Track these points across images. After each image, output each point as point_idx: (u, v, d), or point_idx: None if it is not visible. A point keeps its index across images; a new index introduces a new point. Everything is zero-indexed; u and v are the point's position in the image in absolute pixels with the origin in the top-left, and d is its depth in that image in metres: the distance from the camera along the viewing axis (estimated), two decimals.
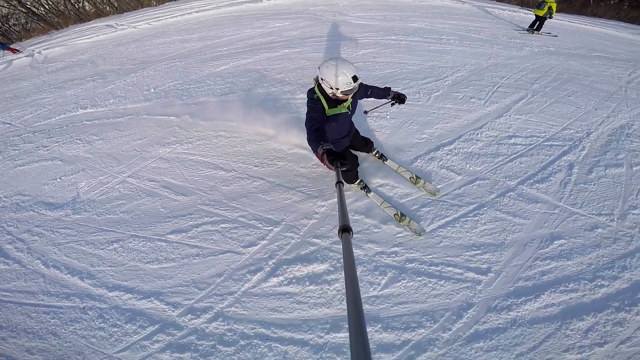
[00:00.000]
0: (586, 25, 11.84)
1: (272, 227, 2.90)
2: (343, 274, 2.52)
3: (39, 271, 2.82)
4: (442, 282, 2.64)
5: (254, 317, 2.42)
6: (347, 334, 2.18)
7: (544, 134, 4.21)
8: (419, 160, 3.59)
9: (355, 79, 2.07)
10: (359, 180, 3.04)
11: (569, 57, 7.43)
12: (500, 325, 2.53)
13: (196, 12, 9.92)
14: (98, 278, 2.72)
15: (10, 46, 9.00)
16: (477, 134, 4.04)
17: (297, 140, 3.67)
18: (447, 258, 2.76)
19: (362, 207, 3.06)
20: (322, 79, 2.14)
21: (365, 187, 3.07)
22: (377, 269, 2.65)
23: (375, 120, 4.19)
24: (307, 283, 2.56)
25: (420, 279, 2.62)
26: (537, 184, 3.46)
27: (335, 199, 3.05)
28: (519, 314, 2.58)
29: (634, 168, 3.86)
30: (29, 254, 2.98)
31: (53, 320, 2.50)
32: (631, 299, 2.74)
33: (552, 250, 2.95)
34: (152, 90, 5.44)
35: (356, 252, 2.72)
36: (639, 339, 2.57)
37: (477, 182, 3.42)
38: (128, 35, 8.88)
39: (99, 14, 11.31)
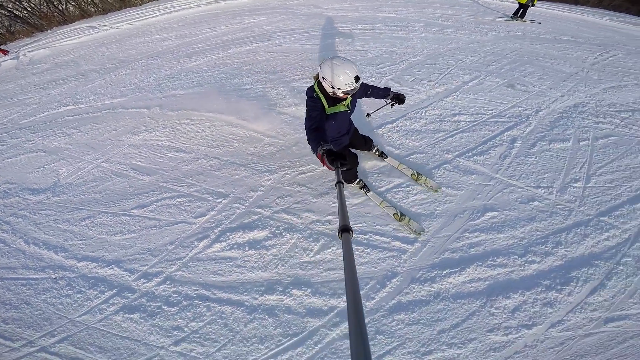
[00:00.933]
0: (564, 12, 11.97)
1: (221, 200, 3.27)
2: (282, 240, 2.88)
3: (21, 248, 3.13)
4: (369, 250, 2.75)
5: (197, 280, 2.67)
6: (280, 297, 2.53)
7: (490, 112, 4.43)
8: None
9: (357, 79, 2.05)
10: (358, 180, 3.06)
11: (535, 41, 7.59)
12: (423, 298, 2.51)
13: (176, 11, 10.20)
14: (70, 251, 3.05)
15: (1, 47, 9.32)
16: (422, 113, 4.33)
17: (252, 125, 4.04)
18: (376, 227, 2.89)
19: (304, 179, 3.40)
20: (323, 78, 2.11)
21: (365, 187, 3.09)
22: (311, 235, 2.87)
23: None
24: (247, 248, 2.82)
25: (367, 247, 2.79)
26: (474, 157, 3.63)
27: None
28: (442, 287, 2.55)
29: (581, 143, 3.95)
30: (13, 234, 3.32)
31: (28, 291, 2.76)
32: (564, 278, 2.65)
33: (482, 222, 2.95)
34: (128, 86, 5.80)
35: (293, 220, 3.03)
36: (572, 324, 2.46)
37: (414, 155, 3.67)
38: (110, 35, 9.21)
39: (83, 15, 11.59)
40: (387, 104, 2.76)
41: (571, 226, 2.99)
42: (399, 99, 2.68)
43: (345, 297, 2.43)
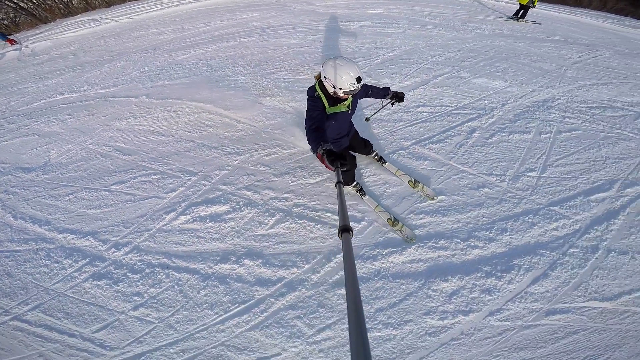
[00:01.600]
0: (562, 13, 12.09)
1: (190, 177, 3.57)
2: (240, 214, 3.12)
3: (8, 223, 3.32)
4: (319, 227, 2.89)
5: (161, 250, 2.86)
6: (233, 266, 2.73)
7: (455, 104, 4.63)
8: None
9: (359, 80, 2.05)
10: (355, 183, 3.05)
11: (520, 40, 7.75)
12: (364, 275, 2.59)
13: (175, 5, 10.54)
14: (53, 224, 3.30)
15: (9, 37, 9.70)
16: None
17: (227, 112, 4.35)
18: (328, 205, 3.07)
19: (269, 160, 3.68)
20: (325, 77, 2.12)
21: (361, 190, 3.08)
22: (268, 211, 3.07)
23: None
24: (208, 221, 3.03)
25: (301, 221, 2.94)
26: (430, 145, 3.80)
27: None
28: (383, 265, 2.63)
29: (542, 135, 4.06)
30: (3, 209, 3.57)
31: (11, 263, 2.90)
32: (505, 265, 2.66)
33: (429, 205, 3.06)
34: (121, 77, 6.14)
35: (253, 196, 3.29)
36: (511, 313, 2.44)
37: (373, 142, 3.90)
38: (110, 29, 9.57)
39: (87, 7, 11.97)
40: (386, 103, 2.78)
41: (519, 214, 3.03)
42: (398, 97, 2.71)
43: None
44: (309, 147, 3.53)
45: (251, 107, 4.45)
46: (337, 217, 2.86)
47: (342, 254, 1.06)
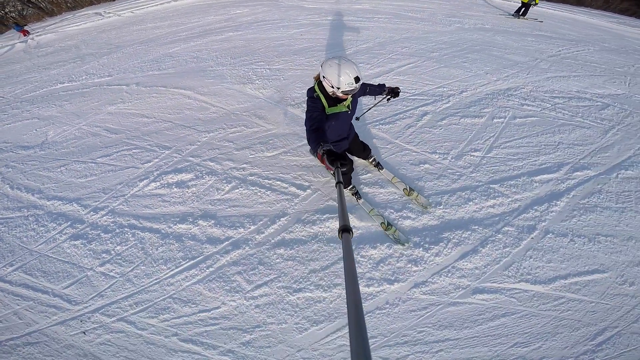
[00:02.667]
0: (563, 12, 12.10)
1: (165, 151, 4.05)
2: (202, 182, 3.58)
3: (6, 193, 3.80)
4: (269, 193, 3.24)
5: (132, 212, 3.27)
6: (189, 226, 3.11)
7: (414, 91, 4.91)
8: (287, 107, 4.59)
9: (357, 79, 2.04)
10: (351, 186, 3.10)
11: (500, 34, 7.86)
12: (303, 237, 2.83)
13: (175, 0, 11.07)
14: (44, 192, 3.76)
15: (24, 28, 10.25)
16: None
17: (204, 97, 4.84)
18: (280, 174, 3.43)
19: (234, 137, 4.14)
20: (323, 77, 2.12)
21: (357, 194, 3.12)
22: (226, 179, 3.49)
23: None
24: (174, 187, 3.47)
25: (254, 188, 3.30)
26: (380, 126, 4.09)
27: None
28: (321, 230, 2.85)
29: (495, 120, 4.21)
30: (2, 181, 4.05)
31: (3, 228, 3.32)
32: (435, 237, 2.75)
33: (370, 177, 3.28)
34: (116, 68, 6.70)
35: (215, 166, 3.74)
36: (437, 287, 2.50)
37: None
38: (112, 23, 10.15)
39: (92, 1, 12.56)
40: (381, 99, 2.84)
41: (457, 189, 3.13)
42: (394, 92, 2.73)
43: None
44: (271, 126, 4.05)
45: (225, 93, 4.93)
46: (286, 186, 3.31)
47: (342, 253, 1.05)
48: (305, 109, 2.26)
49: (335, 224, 2.92)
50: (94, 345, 2.55)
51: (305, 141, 3.64)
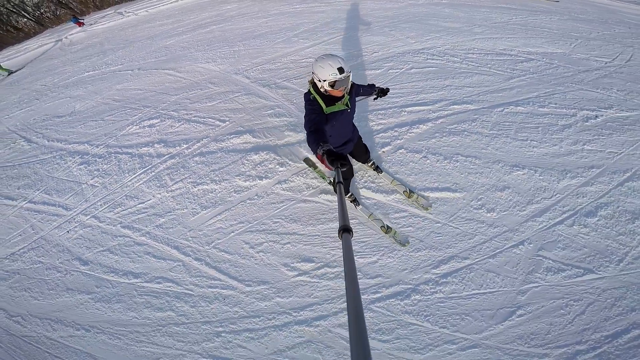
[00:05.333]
0: None
1: (146, 109, 5.89)
2: (165, 124, 5.45)
3: (43, 144, 5.62)
4: (201, 126, 4.71)
5: (118, 144, 4.94)
6: (148, 149, 4.72)
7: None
8: (234, 75, 6.22)
9: (341, 70, 2.02)
10: (349, 194, 3.15)
11: (452, 7, 7.34)
12: (213, 150, 4.05)
13: None
14: (67, 140, 5.62)
15: (79, 20, 12.36)
16: (281, 59, 6.11)
17: (179, 74, 6.66)
18: (212, 114, 4.91)
19: (194, 98, 5.90)
20: (313, 73, 2.14)
21: (355, 201, 3.16)
22: (178, 119, 5.03)
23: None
24: (146, 127, 5.19)
25: (194, 123, 4.80)
26: (283, 82, 5.30)
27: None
28: (226, 145, 4.10)
29: (390, 71, 4.77)
30: (42, 138, 6.00)
31: (39, 166, 4.96)
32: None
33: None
34: (127, 58, 8.73)
35: (174, 114, 5.51)
36: (294, 186, 3.13)
37: (257, 82, 5.69)
38: (130, 21, 12.29)
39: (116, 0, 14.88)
40: (373, 98, 2.87)
41: None
42: (383, 92, 2.79)
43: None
44: (218, 88, 5.77)
45: (195, 70, 6.71)
46: (212, 120, 4.85)
47: (342, 252, 1.08)
48: (304, 113, 2.25)
49: (237, 140, 4.30)
50: (71, 240, 3.57)
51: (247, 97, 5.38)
